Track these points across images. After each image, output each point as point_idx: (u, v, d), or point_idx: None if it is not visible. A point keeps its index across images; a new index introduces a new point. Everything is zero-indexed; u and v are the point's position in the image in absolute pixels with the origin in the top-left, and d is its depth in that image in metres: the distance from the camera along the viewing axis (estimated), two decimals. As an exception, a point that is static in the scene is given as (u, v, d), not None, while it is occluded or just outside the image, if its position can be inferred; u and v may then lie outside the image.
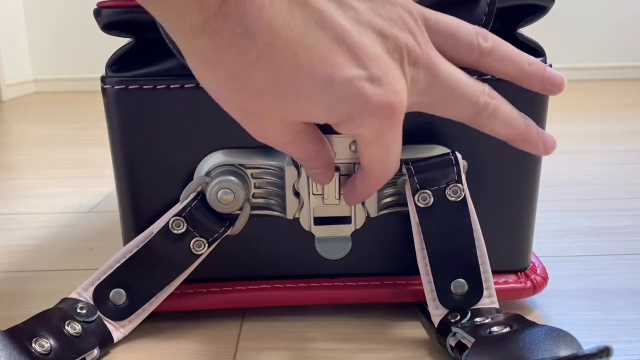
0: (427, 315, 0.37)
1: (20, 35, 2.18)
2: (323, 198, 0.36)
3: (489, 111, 0.30)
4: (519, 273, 0.40)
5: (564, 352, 0.28)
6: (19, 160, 0.94)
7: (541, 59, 0.36)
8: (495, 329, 0.31)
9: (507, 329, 0.31)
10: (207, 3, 0.24)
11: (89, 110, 1.60)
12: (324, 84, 0.26)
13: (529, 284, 0.39)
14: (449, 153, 0.36)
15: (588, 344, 0.35)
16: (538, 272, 0.40)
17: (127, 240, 0.39)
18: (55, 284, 0.38)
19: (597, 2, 2.16)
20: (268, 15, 0.25)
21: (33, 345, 0.32)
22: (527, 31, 0.34)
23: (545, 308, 0.40)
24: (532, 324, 0.32)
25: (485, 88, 0.30)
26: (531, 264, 0.41)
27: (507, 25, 0.37)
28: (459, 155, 0.36)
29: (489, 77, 0.35)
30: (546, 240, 0.53)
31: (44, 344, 0.32)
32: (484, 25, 0.34)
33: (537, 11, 0.36)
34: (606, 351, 0.23)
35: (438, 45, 0.30)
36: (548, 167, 0.78)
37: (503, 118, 0.31)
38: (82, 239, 0.56)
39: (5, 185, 0.77)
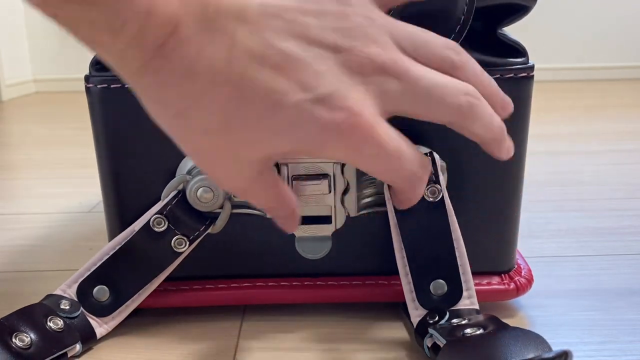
0: (409, 316, 0.36)
1: (20, 35, 2.18)
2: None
3: (473, 111, 0.28)
4: (502, 275, 0.40)
5: (532, 355, 0.28)
6: (19, 160, 0.94)
7: (523, 59, 0.36)
8: (468, 330, 0.31)
9: (481, 331, 0.31)
10: (145, 47, 0.25)
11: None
12: (270, 112, 0.26)
13: (512, 285, 0.39)
14: (427, 153, 0.35)
15: (588, 344, 0.36)
16: (523, 274, 0.40)
17: (112, 237, 0.39)
18: (55, 284, 0.38)
19: (598, 1, 2.16)
20: (208, 54, 0.25)
21: (13, 339, 0.32)
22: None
23: (544, 308, 0.40)
24: (506, 327, 0.32)
25: (469, 88, 0.28)
26: (516, 266, 0.40)
27: (488, 24, 0.37)
28: (436, 156, 0.35)
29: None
30: (546, 240, 0.53)
31: (24, 339, 0.32)
32: (463, 23, 0.34)
33: (518, 11, 0.36)
34: (564, 355, 0.23)
35: (408, 54, 0.28)
36: (548, 167, 0.78)
37: (486, 120, 0.29)
38: (82, 239, 0.56)
39: (5, 185, 0.77)
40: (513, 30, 0.37)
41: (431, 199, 0.35)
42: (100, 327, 0.37)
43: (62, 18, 0.24)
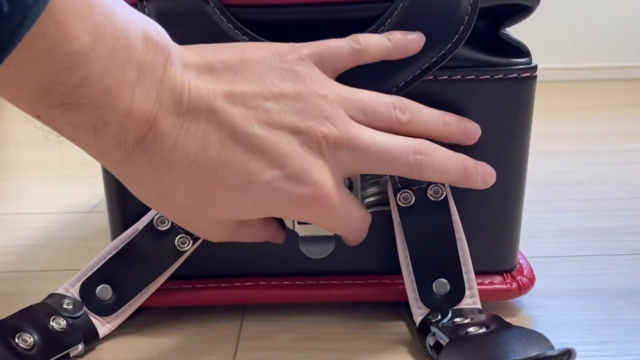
0: (411, 315, 0.37)
1: (20, 35, 2.18)
2: None
3: (422, 167, 0.32)
4: (505, 274, 0.40)
5: (534, 354, 0.28)
6: (19, 160, 0.94)
7: (526, 59, 0.36)
8: (471, 329, 0.32)
9: (483, 330, 0.31)
10: (125, 143, 0.27)
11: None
12: (245, 190, 0.29)
13: (514, 285, 0.39)
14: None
15: (588, 344, 0.36)
16: (525, 273, 0.40)
17: (115, 236, 0.39)
18: (55, 284, 0.38)
19: (598, 1, 2.16)
20: (183, 144, 0.28)
21: (16, 340, 0.32)
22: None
23: (544, 308, 0.40)
24: (508, 325, 0.32)
25: (416, 145, 0.32)
26: (518, 265, 0.40)
27: (491, 24, 0.37)
28: None
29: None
30: (546, 240, 0.53)
31: (27, 339, 0.32)
32: (467, 23, 0.34)
33: (522, 11, 0.36)
34: (567, 353, 0.23)
35: (359, 121, 0.32)
36: (548, 167, 0.78)
37: (438, 168, 0.33)
38: (82, 239, 0.56)
39: (5, 185, 0.77)
40: (515, 30, 0.37)
41: (434, 198, 0.35)
42: (103, 326, 0.37)
43: (45, 120, 0.26)
